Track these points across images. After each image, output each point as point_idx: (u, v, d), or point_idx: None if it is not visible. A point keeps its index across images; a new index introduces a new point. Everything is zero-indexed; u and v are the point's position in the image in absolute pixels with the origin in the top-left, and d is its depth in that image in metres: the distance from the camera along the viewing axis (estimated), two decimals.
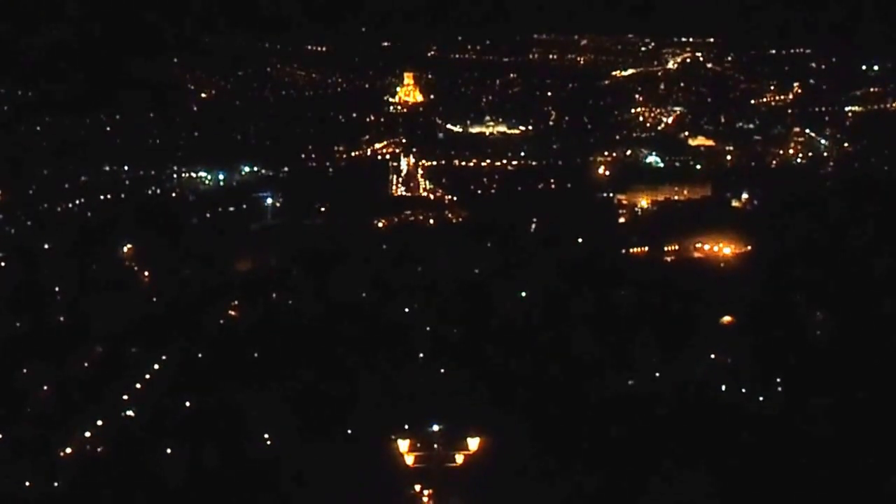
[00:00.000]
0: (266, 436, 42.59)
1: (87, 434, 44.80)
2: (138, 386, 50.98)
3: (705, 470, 36.11)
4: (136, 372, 52.33)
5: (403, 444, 20.17)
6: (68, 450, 43.16)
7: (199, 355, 54.98)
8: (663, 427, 41.12)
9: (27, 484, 38.77)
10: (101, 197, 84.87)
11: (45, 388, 48.97)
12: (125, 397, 49.40)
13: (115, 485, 38.32)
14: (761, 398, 46.17)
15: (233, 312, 63.05)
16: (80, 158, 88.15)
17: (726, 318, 57.29)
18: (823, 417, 41.80)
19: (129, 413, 47.91)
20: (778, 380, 47.34)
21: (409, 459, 19.77)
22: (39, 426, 43.98)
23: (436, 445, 19.57)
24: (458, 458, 19.52)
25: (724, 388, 47.81)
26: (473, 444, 19.67)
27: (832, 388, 45.20)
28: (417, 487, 34.55)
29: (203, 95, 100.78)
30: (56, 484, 39.57)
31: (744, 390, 47.41)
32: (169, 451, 41.58)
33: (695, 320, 55.71)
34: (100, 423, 45.83)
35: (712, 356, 52.21)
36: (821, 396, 44.33)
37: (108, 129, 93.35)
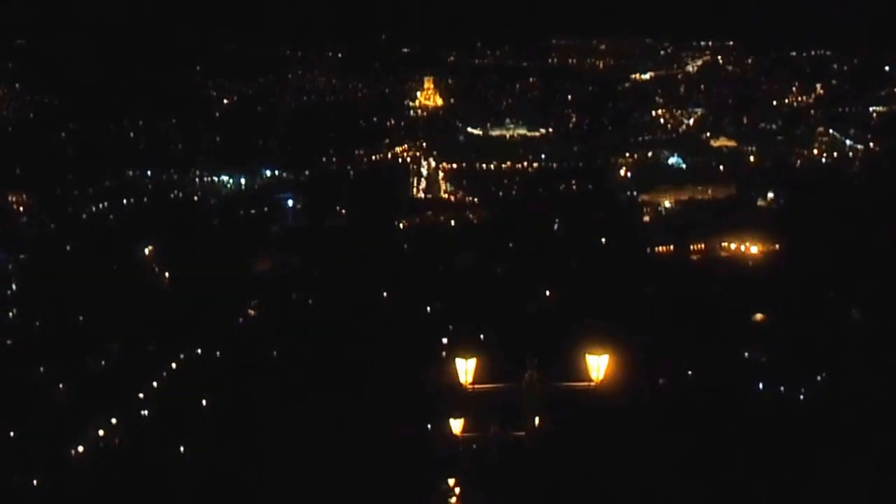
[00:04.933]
0: (292, 432, 41.84)
1: (102, 432, 44.43)
2: (156, 384, 50.69)
3: (747, 467, 34.99)
4: (156, 370, 52.05)
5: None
6: (80, 448, 42.80)
7: (219, 353, 54.66)
8: (700, 427, 39.92)
9: (38, 481, 38.35)
10: (125, 200, 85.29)
11: (62, 385, 48.77)
12: (141, 395, 49.07)
13: (130, 480, 37.81)
14: (802, 396, 44.84)
15: (252, 311, 62.78)
16: (104, 163, 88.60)
17: (758, 316, 56.11)
18: (863, 414, 40.50)
19: (146, 410, 47.53)
20: (818, 378, 46.02)
21: (456, 426, 15.58)
22: (56, 422, 43.67)
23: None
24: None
25: (761, 386, 46.54)
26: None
27: (870, 385, 43.92)
28: (451, 482, 33.77)
29: (225, 101, 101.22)
30: (69, 479, 39.18)
31: (782, 388, 46.11)
32: (184, 447, 41.10)
33: (726, 318, 54.53)
34: (114, 420, 45.45)
35: (746, 354, 51.02)
36: (859, 394, 43.06)
37: (132, 134, 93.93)
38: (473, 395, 12.22)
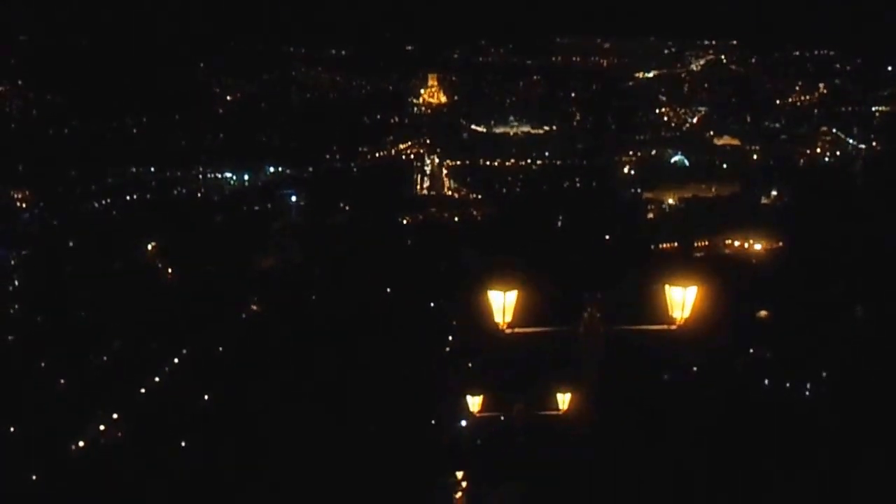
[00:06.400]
0: (295, 426, 41.64)
1: (102, 427, 44.28)
2: (158, 379, 50.57)
3: (752, 463, 34.77)
4: (158, 365, 51.94)
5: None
6: (80, 443, 42.66)
7: (221, 349, 54.55)
8: (705, 422, 39.66)
9: (38, 475, 38.17)
10: (128, 197, 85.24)
11: (63, 380, 48.65)
12: (143, 390, 48.95)
13: (130, 475, 37.61)
14: (807, 393, 44.67)
15: (255, 307, 62.72)
16: (107, 159, 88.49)
17: (762, 313, 55.95)
18: (868, 411, 40.31)
19: (148, 405, 47.37)
20: (823, 374, 45.87)
21: (474, 404, 14.20)
22: (56, 417, 43.53)
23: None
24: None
25: (766, 382, 46.40)
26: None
27: (874, 381, 43.76)
28: (459, 475, 33.53)
29: (228, 98, 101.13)
30: (69, 474, 39.03)
31: (788, 385, 45.96)
32: (186, 442, 40.92)
33: (730, 315, 54.22)
34: (115, 416, 45.29)
35: (751, 350, 50.89)
36: (864, 390, 42.88)
37: (135, 130, 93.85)
38: (511, 342, 9.42)
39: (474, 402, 14.48)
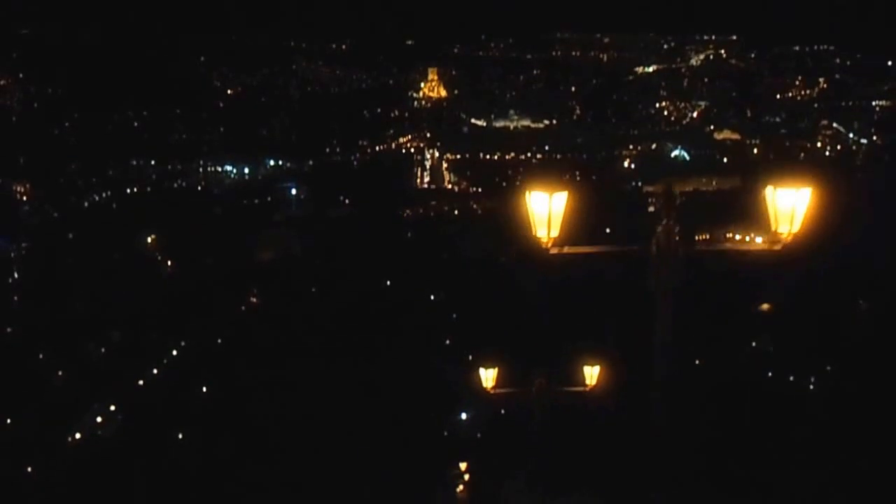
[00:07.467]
0: (294, 420, 41.56)
1: (100, 419, 44.22)
2: (156, 371, 50.52)
3: (755, 456, 34.81)
4: (157, 357, 51.89)
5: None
6: (77, 435, 42.62)
7: (220, 341, 54.48)
8: (709, 416, 39.61)
9: (34, 467, 38.11)
10: (128, 190, 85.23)
11: (60, 372, 48.59)
12: (141, 382, 48.91)
13: (128, 468, 37.51)
14: (811, 386, 44.67)
15: (255, 299, 62.68)
16: (108, 152, 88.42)
17: (764, 306, 55.95)
18: (871, 404, 40.36)
19: (146, 398, 47.28)
20: (828, 368, 45.86)
21: (488, 380, 12.58)
22: (53, 410, 43.43)
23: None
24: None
25: (769, 375, 46.39)
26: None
27: (876, 375, 43.81)
28: (462, 466, 33.52)
29: (229, 91, 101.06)
30: (65, 466, 38.96)
31: (791, 378, 45.94)
32: (184, 435, 40.85)
33: (733, 309, 54.26)
34: (112, 408, 45.20)
35: (753, 344, 50.90)
36: (867, 383, 42.93)
37: (135, 123, 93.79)
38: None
39: (488, 376, 12.56)
